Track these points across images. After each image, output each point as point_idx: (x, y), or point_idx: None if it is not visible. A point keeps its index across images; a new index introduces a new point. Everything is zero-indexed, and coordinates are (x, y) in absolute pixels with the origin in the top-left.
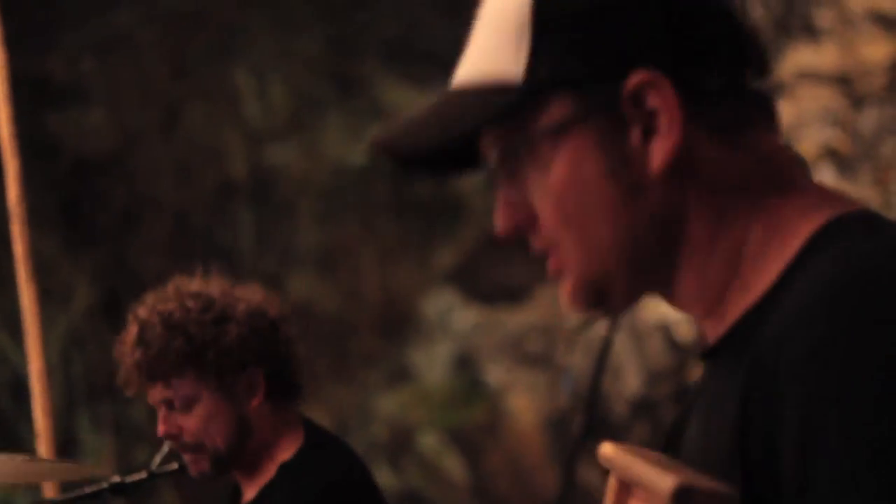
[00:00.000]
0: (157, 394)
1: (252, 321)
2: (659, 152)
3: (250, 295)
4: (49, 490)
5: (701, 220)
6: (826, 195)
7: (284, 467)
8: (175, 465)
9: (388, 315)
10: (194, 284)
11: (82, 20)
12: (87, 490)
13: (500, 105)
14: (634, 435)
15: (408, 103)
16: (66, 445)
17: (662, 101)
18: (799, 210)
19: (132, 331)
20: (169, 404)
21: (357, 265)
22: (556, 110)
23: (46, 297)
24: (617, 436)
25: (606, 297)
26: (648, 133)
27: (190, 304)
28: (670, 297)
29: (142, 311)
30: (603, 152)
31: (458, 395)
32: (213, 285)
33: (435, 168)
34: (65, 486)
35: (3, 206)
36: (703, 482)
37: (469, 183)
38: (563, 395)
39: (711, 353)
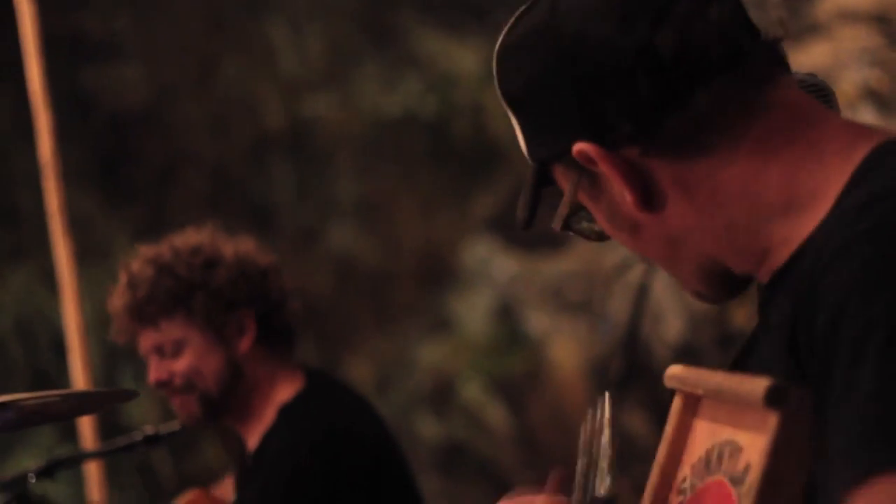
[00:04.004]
0: (148, 340)
1: (242, 266)
2: (626, 195)
3: (242, 244)
4: (87, 442)
5: (701, 221)
6: (857, 129)
7: (284, 410)
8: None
9: (429, 265)
10: (188, 234)
11: None
12: (123, 442)
13: (530, 183)
14: None
15: (444, 53)
16: (109, 410)
17: (598, 161)
18: (840, 148)
19: (122, 279)
20: (159, 351)
21: (396, 216)
22: (560, 178)
23: (85, 253)
24: (658, 382)
25: (708, 296)
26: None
27: (179, 247)
28: (732, 270)
29: (132, 262)
30: (598, 208)
31: (500, 343)
32: (204, 233)
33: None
34: (102, 438)
35: (39, 164)
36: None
37: (506, 132)
38: (603, 341)
39: (768, 288)
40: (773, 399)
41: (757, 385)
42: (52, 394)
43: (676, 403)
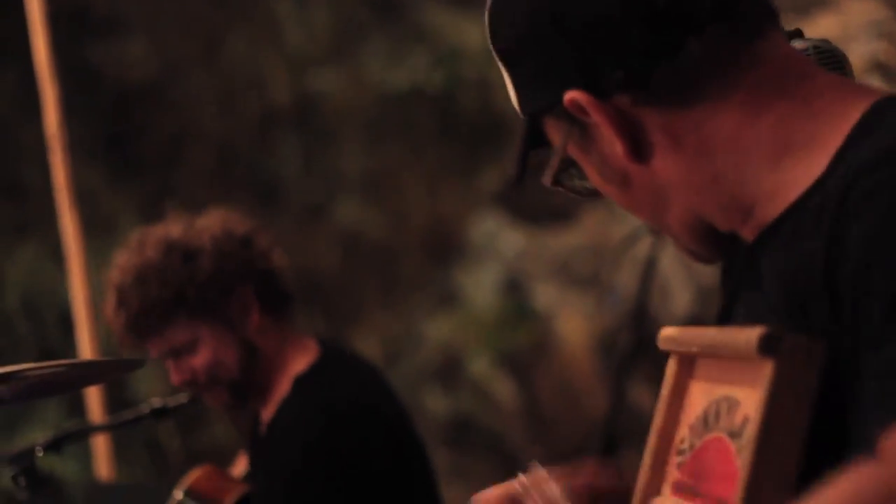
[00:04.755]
0: (157, 348)
1: (221, 246)
2: (616, 145)
3: (212, 222)
4: (94, 416)
5: (685, 177)
6: (849, 86)
7: (298, 381)
8: None
9: (435, 240)
10: (154, 231)
11: None
12: (131, 415)
13: (521, 138)
14: None
15: (450, 27)
16: (116, 380)
17: (588, 109)
18: (833, 102)
19: (111, 297)
20: (174, 353)
21: (403, 190)
22: (552, 132)
23: (92, 228)
24: (666, 356)
25: (700, 254)
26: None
27: (153, 252)
28: (715, 224)
29: (113, 275)
30: (588, 161)
31: (507, 318)
32: (172, 226)
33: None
34: (109, 412)
35: (45, 139)
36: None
37: (513, 107)
38: (610, 313)
39: (756, 244)
40: (767, 347)
41: (751, 334)
42: (57, 364)
43: (671, 366)
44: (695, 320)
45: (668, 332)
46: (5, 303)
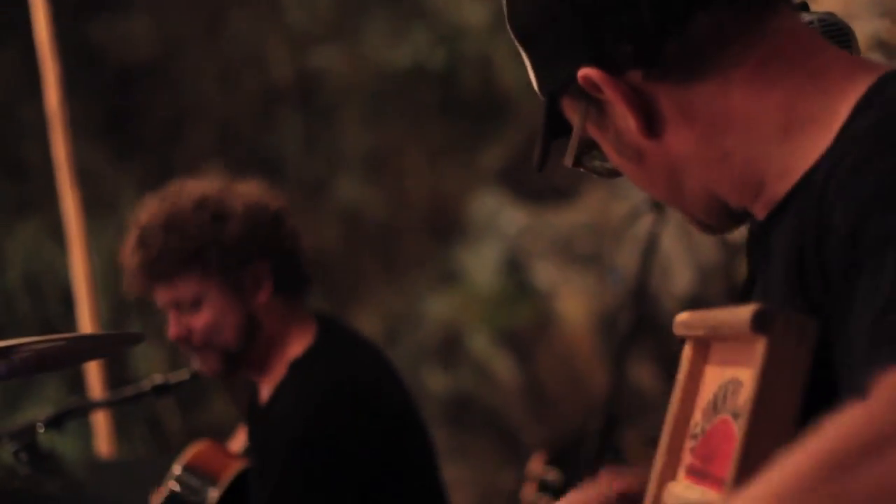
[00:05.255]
0: (163, 295)
1: (252, 215)
2: (630, 120)
3: (249, 190)
4: (95, 394)
5: (699, 153)
6: (857, 61)
7: (294, 365)
8: None
9: (436, 218)
10: (192, 185)
11: None
12: (132, 391)
13: (542, 121)
14: None
15: (452, 4)
16: (116, 354)
17: (601, 86)
18: (841, 77)
19: (132, 235)
20: (177, 306)
21: (404, 168)
22: (569, 113)
23: (93, 207)
24: (668, 334)
25: (712, 227)
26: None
27: (187, 203)
28: (727, 201)
29: (141, 216)
30: (605, 139)
31: (508, 296)
32: (211, 184)
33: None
34: (111, 387)
35: (46, 117)
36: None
37: (515, 83)
38: (610, 292)
39: (768, 221)
40: (759, 324)
41: (745, 313)
42: (57, 338)
43: (687, 351)
44: (696, 299)
45: (681, 318)
46: (6, 280)
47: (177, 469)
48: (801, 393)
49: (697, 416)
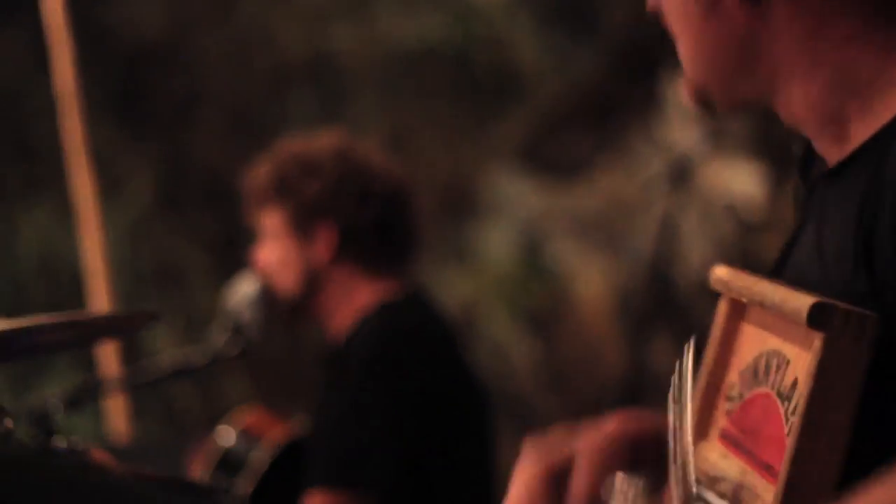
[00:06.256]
0: (256, 220)
1: (342, 181)
2: None
3: (368, 158)
4: (110, 374)
5: (791, 44)
6: None
7: (365, 319)
8: (236, 350)
9: (451, 197)
10: (321, 136)
11: None
12: (149, 371)
13: None
14: (701, 314)
15: None
16: (132, 334)
17: None
18: None
19: (265, 158)
20: (263, 235)
21: (418, 148)
22: None
23: (106, 189)
24: (685, 314)
25: (707, 98)
26: None
27: (296, 148)
28: (778, 111)
29: (281, 145)
30: None
31: (524, 275)
32: (329, 139)
33: None
34: (125, 365)
35: (55, 97)
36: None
37: (528, 61)
38: (628, 270)
39: (831, 174)
40: (816, 321)
41: (801, 303)
42: (73, 316)
43: (722, 307)
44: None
45: (719, 274)
46: (19, 262)
47: (226, 431)
48: (858, 389)
49: (734, 376)
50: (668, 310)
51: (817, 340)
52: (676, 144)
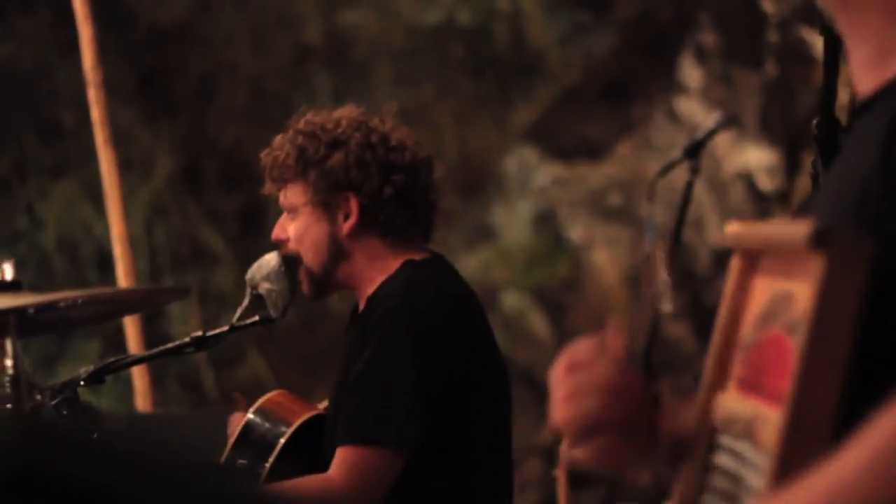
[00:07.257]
0: (280, 196)
1: (364, 154)
2: None
3: (392, 133)
4: (134, 347)
5: None
6: None
7: (389, 277)
8: (256, 318)
9: (468, 175)
10: (345, 109)
11: None
12: (171, 345)
13: None
14: (718, 286)
15: None
16: (151, 313)
17: None
18: None
19: (284, 132)
20: (287, 210)
21: (435, 125)
22: None
23: (127, 167)
24: (702, 287)
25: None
26: None
27: (316, 122)
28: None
29: (301, 120)
30: None
31: (540, 252)
32: (353, 112)
33: None
34: (148, 343)
35: (80, 78)
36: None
37: (545, 40)
38: (648, 246)
39: (864, 107)
40: (817, 241)
41: (802, 229)
42: (101, 291)
43: (735, 262)
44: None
45: (732, 229)
46: (43, 240)
47: (251, 413)
48: (859, 309)
49: (747, 327)
50: (685, 282)
51: (819, 262)
52: (694, 120)
